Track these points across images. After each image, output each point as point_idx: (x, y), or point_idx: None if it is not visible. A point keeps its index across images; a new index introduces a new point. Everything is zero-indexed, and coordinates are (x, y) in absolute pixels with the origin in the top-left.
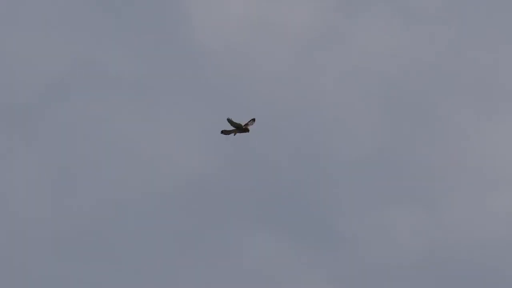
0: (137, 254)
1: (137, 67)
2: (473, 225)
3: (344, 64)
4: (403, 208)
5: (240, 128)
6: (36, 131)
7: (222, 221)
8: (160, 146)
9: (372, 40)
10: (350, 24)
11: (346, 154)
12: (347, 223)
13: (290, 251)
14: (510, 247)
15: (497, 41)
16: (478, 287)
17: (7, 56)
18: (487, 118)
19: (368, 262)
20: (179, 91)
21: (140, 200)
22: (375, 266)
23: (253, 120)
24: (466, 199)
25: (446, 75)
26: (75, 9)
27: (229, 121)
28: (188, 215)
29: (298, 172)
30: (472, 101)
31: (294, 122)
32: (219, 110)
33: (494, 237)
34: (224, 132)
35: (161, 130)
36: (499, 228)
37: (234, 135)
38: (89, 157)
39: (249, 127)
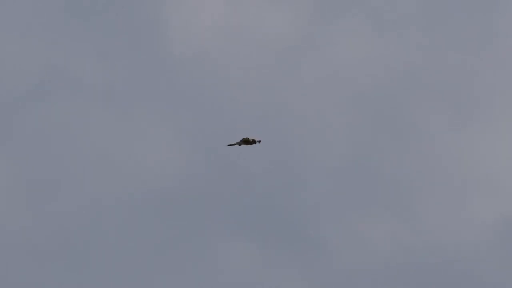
0: (113, 260)
1: (110, 74)
2: (446, 230)
3: (319, 71)
4: (377, 215)
5: (248, 142)
6: (7, 138)
7: (198, 228)
8: (134, 153)
9: (347, 48)
10: (325, 32)
11: (321, 160)
12: (322, 229)
13: (266, 257)
14: (483, 251)
15: (470, 49)
16: None
17: None
18: (460, 125)
19: (344, 267)
20: (154, 98)
21: (114, 208)
22: (351, 271)
23: (259, 141)
24: (439, 205)
25: (419, 82)
26: (47, 16)
27: (244, 140)
28: (163, 222)
29: (273, 179)
30: (445, 108)
31: (269, 129)
32: (195, 117)
33: (467, 242)
34: (230, 144)
35: (136, 137)
36: (472, 234)
37: (240, 145)
38: (62, 164)
39: (256, 141)
